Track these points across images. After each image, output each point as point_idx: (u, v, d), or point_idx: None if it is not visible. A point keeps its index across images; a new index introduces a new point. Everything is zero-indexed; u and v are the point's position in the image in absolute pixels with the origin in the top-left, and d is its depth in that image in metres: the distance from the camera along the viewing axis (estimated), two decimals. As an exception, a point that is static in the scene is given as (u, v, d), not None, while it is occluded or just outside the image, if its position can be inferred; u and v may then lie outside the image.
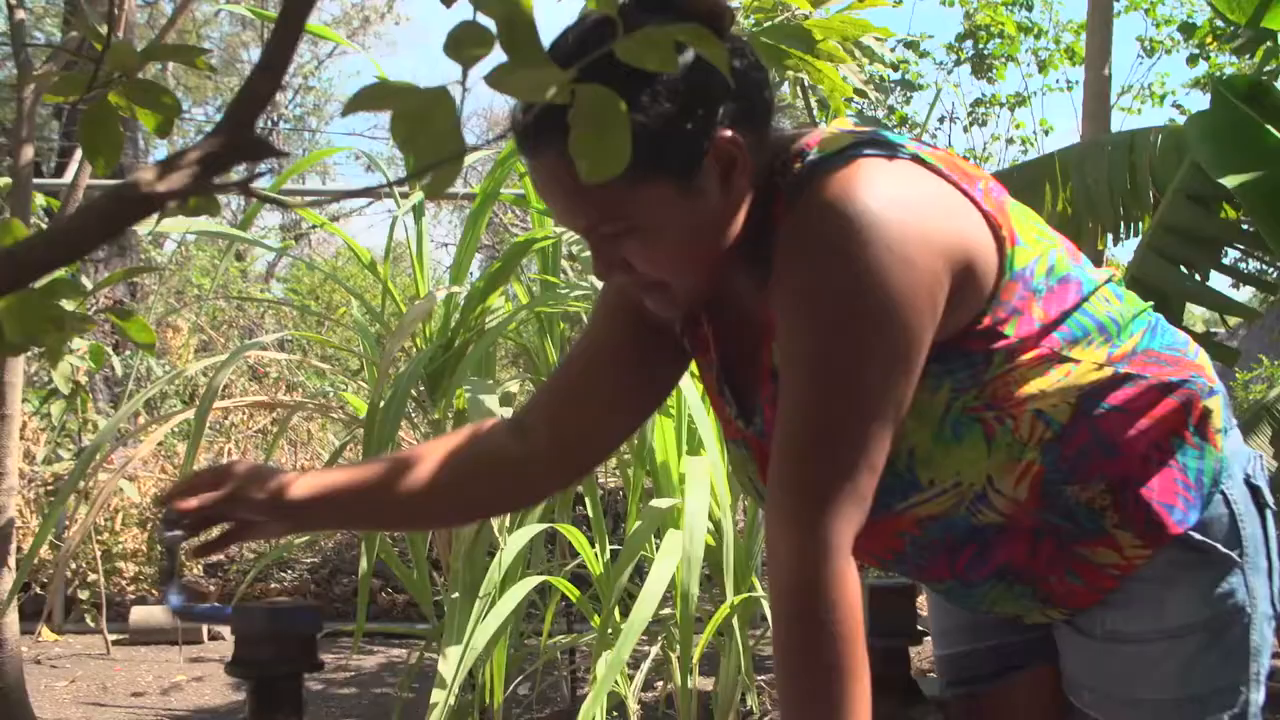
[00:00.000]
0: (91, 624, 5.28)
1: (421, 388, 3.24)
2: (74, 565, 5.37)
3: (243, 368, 7.11)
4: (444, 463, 1.26)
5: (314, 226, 14.79)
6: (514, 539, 2.71)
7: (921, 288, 1.02)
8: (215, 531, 1.26)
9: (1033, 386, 1.11)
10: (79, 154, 5.52)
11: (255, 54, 16.89)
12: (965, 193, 1.09)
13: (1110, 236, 3.69)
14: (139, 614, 5.27)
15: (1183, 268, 3.35)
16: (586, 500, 3.17)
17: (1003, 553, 1.18)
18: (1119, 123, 7.87)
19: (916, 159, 1.09)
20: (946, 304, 1.05)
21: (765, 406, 1.16)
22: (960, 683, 1.36)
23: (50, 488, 5.56)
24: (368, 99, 0.62)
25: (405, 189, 3.51)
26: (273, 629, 0.92)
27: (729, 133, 1.05)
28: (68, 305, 0.91)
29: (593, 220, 1.06)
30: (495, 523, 2.76)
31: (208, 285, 9.23)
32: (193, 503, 1.17)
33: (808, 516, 1.00)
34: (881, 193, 1.03)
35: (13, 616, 3.69)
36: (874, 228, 1.01)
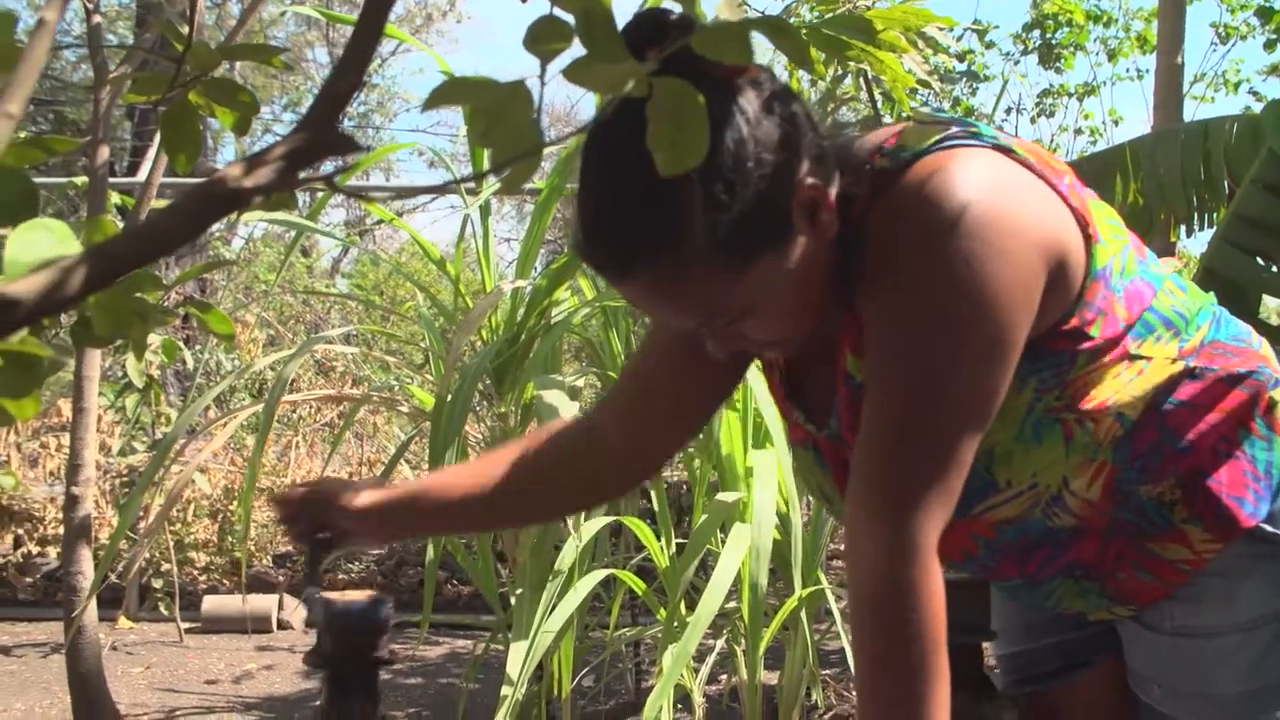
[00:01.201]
0: (165, 612, 5.38)
1: (487, 381, 3.27)
2: (148, 555, 5.48)
3: (309, 362, 7.21)
4: (517, 466, 1.28)
5: (379, 222, 14.94)
6: (580, 532, 2.72)
7: (1019, 283, 1.00)
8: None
9: (1110, 387, 1.10)
10: (151, 153, 5.63)
11: (320, 54, 17.10)
12: (1054, 187, 1.08)
13: (1183, 228, 3.62)
14: (211, 603, 5.37)
15: (1258, 259, 3.27)
16: (652, 493, 3.18)
17: (1074, 552, 1.17)
18: (1191, 112, 7.73)
19: (1007, 151, 1.07)
20: (1040, 302, 1.03)
21: (841, 410, 1.15)
22: (1025, 681, 1.35)
23: (125, 479, 5.67)
24: (446, 94, 0.63)
25: (472, 185, 3.53)
26: (348, 620, 0.93)
27: (808, 180, 1.02)
28: (149, 299, 0.93)
29: (703, 318, 1.05)
30: (562, 515, 2.78)
31: (274, 281, 9.36)
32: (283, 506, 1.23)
33: (895, 514, 0.98)
34: (977, 185, 1.01)
35: (91, 604, 3.77)
36: (970, 220, 0.99)
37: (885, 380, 1.03)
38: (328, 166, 0.65)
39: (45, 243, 0.69)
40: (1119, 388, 1.10)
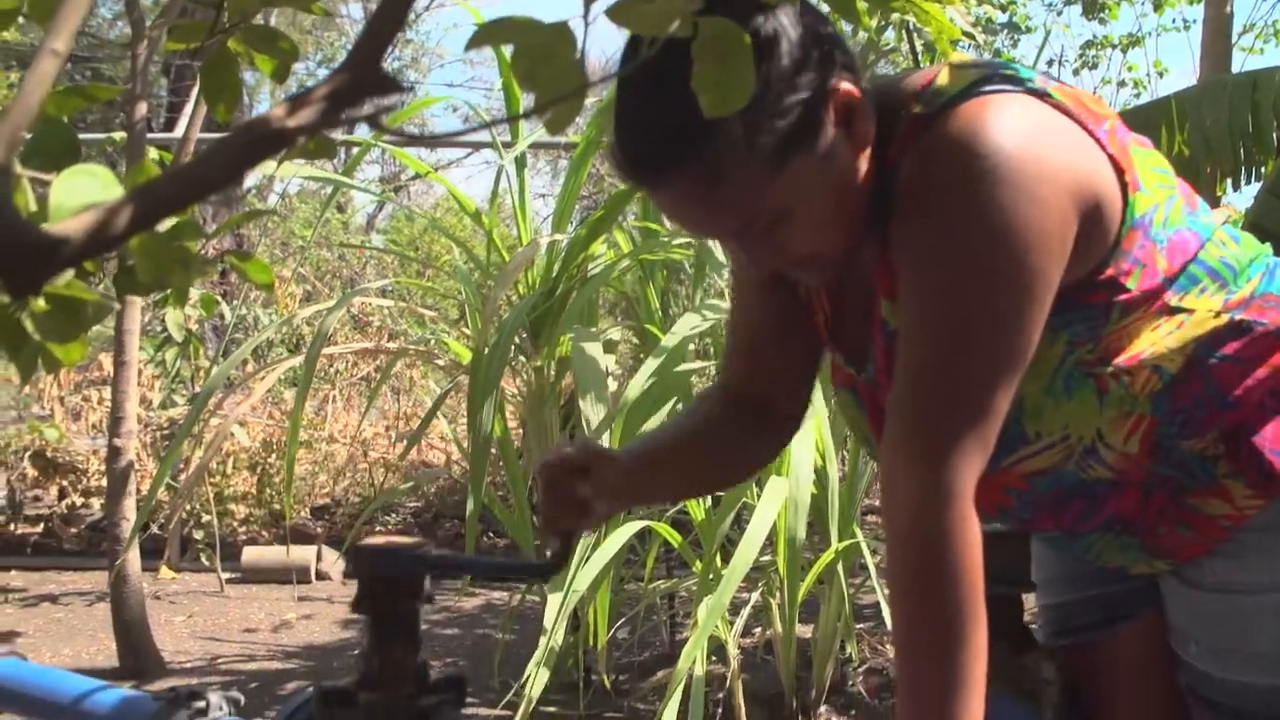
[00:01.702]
0: (206, 563, 5.46)
1: (524, 335, 3.27)
2: (189, 507, 5.55)
3: (346, 318, 7.25)
4: (699, 435, 1.29)
5: (414, 178, 14.94)
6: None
7: (1052, 229, 0.99)
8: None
9: (1147, 340, 1.08)
10: (188, 108, 5.64)
11: (355, 9, 17.04)
12: (1090, 132, 1.06)
13: (1229, 181, 3.56)
14: (250, 554, 5.44)
15: (1307, 213, 3.22)
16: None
17: (1112, 506, 1.15)
18: (1240, 63, 7.56)
19: (1043, 95, 1.06)
20: (1073, 249, 1.02)
21: (877, 355, 1.14)
22: (1065, 633, 1.34)
23: (165, 432, 5.74)
24: (490, 34, 0.62)
25: (507, 139, 3.53)
26: (390, 563, 0.93)
27: (843, 84, 1.03)
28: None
29: (740, 222, 1.04)
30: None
31: (311, 236, 9.39)
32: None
33: (931, 460, 0.98)
34: (1011, 130, 0.99)
35: (134, 554, 3.84)
36: (1004, 166, 0.97)
37: (918, 326, 1.02)
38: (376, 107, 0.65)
39: (89, 187, 0.69)
40: (1156, 340, 1.08)
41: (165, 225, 0.95)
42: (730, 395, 1.31)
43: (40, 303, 0.67)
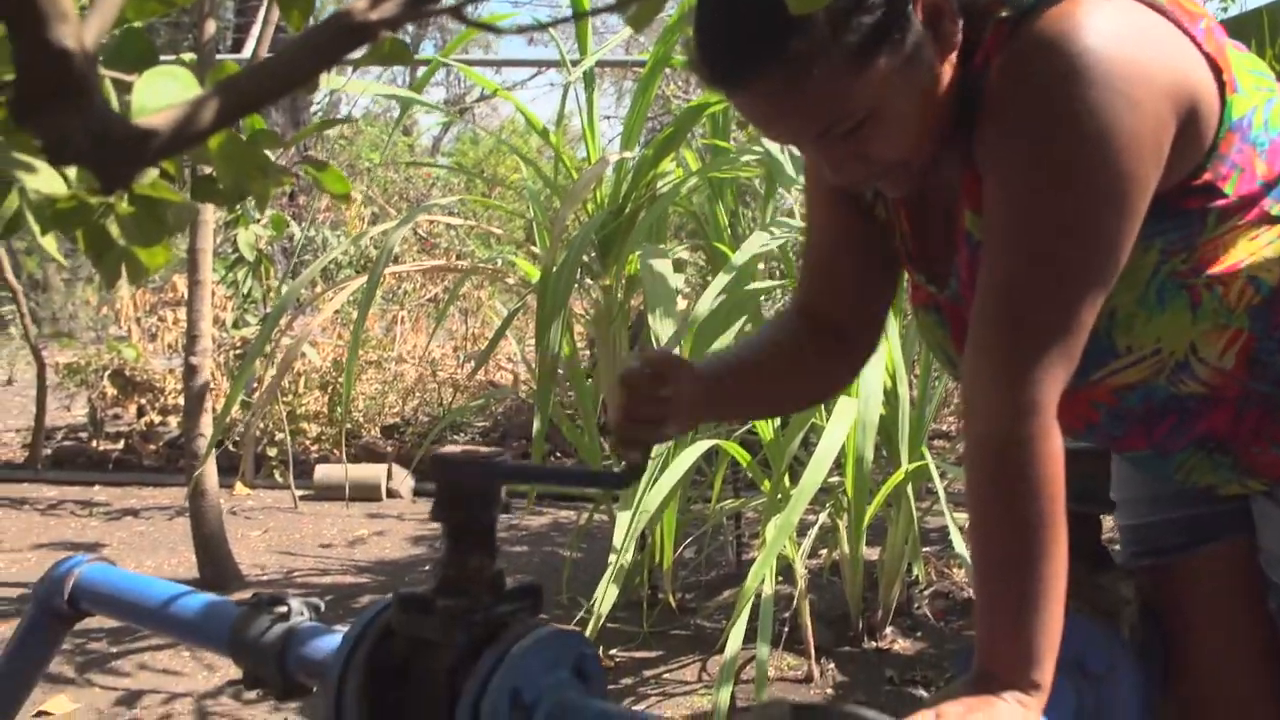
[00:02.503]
0: (279, 479, 5.58)
1: (592, 254, 3.26)
2: (262, 425, 5.66)
3: (412, 240, 7.28)
4: (776, 355, 1.28)
5: (480, 99, 14.87)
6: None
7: (1147, 132, 0.95)
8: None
9: (1244, 250, 1.04)
10: (255, 29, 5.64)
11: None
12: (1186, 31, 1.01)
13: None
14: (322, 471, 5.55)
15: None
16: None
17: (1204, 423, 1.12)
18: (1331, -26, 7.23)
19: None
20: (1168, 153, 0.98)
21: (961, 269, 1.12)
22: (1146, 553, 1.32)
23: (239, 352, 5.84)
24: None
25: (575, 58, 3.49)
26: (468, 472, 0.94)
27: None
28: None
29: (825, 123, 1.01)
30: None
31: (378, 159, 9.42)
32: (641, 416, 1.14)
33: (1013, 371, 0.96)
34: (1104, 30, 0.95)
35: (211, 470, 3.93)
36: (1098, 67, 0.94)
37: (1005, 233, 0.99)
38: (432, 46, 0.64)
39: (171, 88, 0.69)
40: (1254, 250, 1.04)
41: (244, 134, 0.95)
42: (806, 317, 1.29)
43: (125, 205, 0.68)
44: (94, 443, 6.54)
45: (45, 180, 0.65)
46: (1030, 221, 0.98)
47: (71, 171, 0.71)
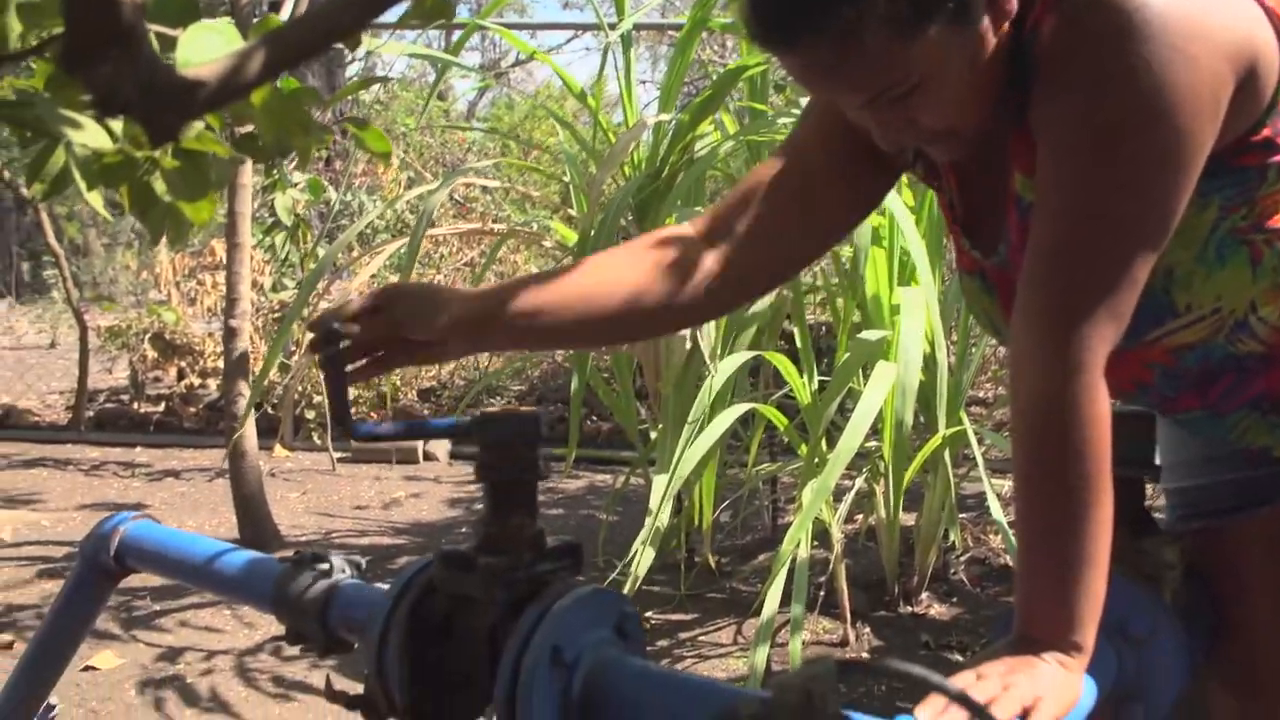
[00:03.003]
0: (318, 442, 5.63)
1: (629, 217, 3.26)
2: (301, 388, 5.71)
3: (448, 205, 7.29)
4: (616, 277, 1.18)
5: (516, 63, 14.83)
6: (724, 365, 2.73)
7: (1205, 89, 0.93)
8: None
9: None
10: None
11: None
12: None
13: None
14: (361, 435, 5.59)
15: None
16: (795, 330, 3.16)
17: (1261, 382, 1.11)
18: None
19: None
20: (1227, 110, 0.96)
21: (1011, 233, 1.10)
22: (1194, 516, 1.30)
23: (277, 315, 5.88)
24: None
25: (613, 20, 3.46)
26: (509, 429, 0.94)
27: None
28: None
29: (876, 89, 0.99)
30: (705, 351, 2.78)
31: (413, 124, 9.42)
32: (354, 326, 1.07)
33: (1060, 330, 0.94)
34: None
35: (250, 431, 3.96)
36: (1154, 23, 0.92)
37: (1057, 192, 0.97)
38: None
39: (215, 42, 0.68)
40: None
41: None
42: (708, 242, 1.20)
43: (170, 159, 0.68)
44: (135, 405, 6.62)
45: (91, 135, 0.65)
46: (1083, 179, 0.96)
47: (117, 127, 0.71)
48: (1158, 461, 1.30)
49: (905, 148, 1.09)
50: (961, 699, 0.54)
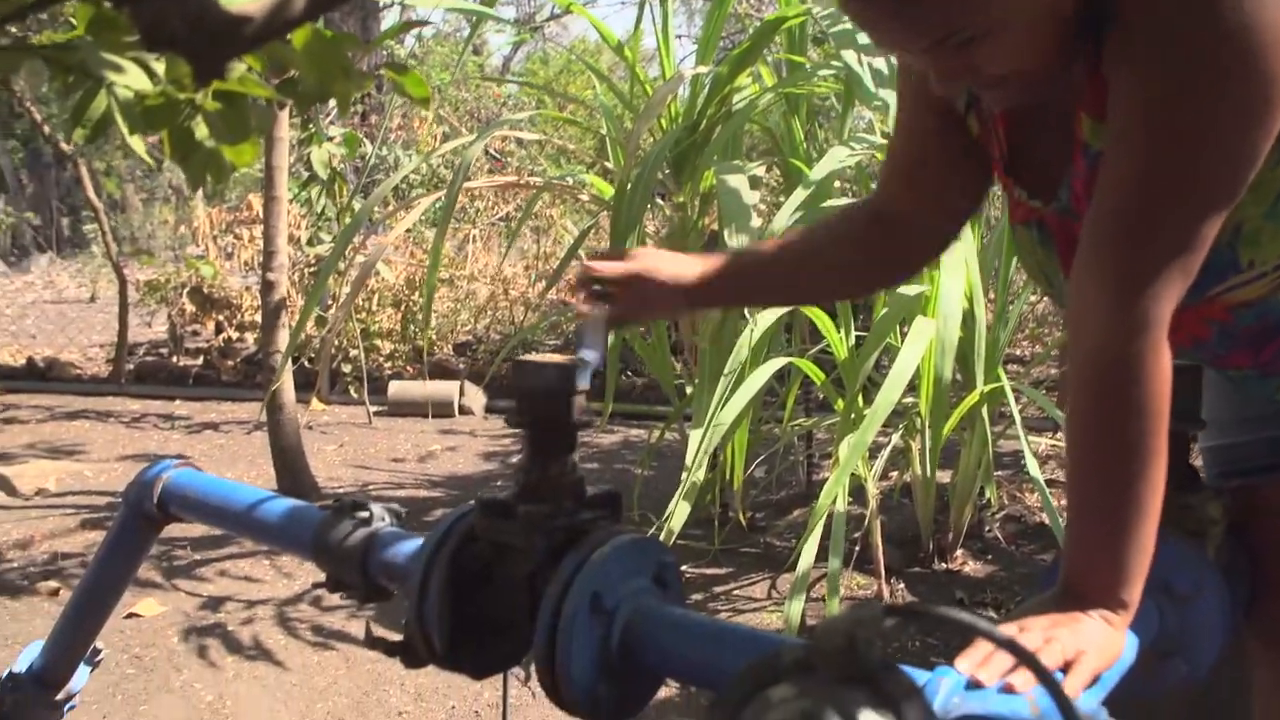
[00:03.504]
0: (354, 395, 5.66)
1: (666, 171, 3.23)
2: (337, 342, 5.74)
3: (483, 159, 7.27)
4: (829, 240, 1.28)
5: (551, 17, 14.75)
6: (761, 319, 2.71)
7: None
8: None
9: None
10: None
11: None
12: None
13: None
14: (396, 388, 5.62)
15: None
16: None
17: None
18: None
19: None
20: None
21: (1075, 181, 1.07)
22: (1234, 474, 1.28)
23: (314, 269, 5.91)
24: None
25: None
26: (549, 378, 0.94)
27: None
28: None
29: (940, 34, 0.97)
30: (739, 306, 2.77)
31: (448, 78, 9.39)
32: (605, 269, 1.19)
33: (1127, 283, 0.91)
34: None
35: (288, 384, 3.99)
36: None
37: (1130, 138, 0.94)
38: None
39: (256, -17, 0.68)
40: None
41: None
42: (880, 222, 1.26)
43: (212, 102, 0.67)
44: (174, 358, 6.69)
45: (134, 77, 0.64)
46: (1156, 126, 0.93)
47: (159, 70, 0.70)
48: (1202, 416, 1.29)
49: (959, 94, 1.07)
50: (1009, 644, 0.54)
